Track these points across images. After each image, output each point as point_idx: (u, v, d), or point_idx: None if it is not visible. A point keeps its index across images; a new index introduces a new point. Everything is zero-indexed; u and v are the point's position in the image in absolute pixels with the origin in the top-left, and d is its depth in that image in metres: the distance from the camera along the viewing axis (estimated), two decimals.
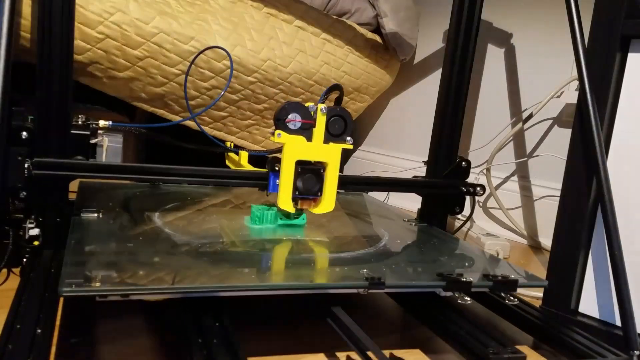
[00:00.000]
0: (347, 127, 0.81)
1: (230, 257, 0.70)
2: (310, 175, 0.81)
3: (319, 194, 0.82)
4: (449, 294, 0.66)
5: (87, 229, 0.72)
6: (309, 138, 0.80)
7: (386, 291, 0.64)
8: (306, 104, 0.80)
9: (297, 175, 0.80)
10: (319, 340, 0.69)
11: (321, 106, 0.79)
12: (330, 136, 0.81)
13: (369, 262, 0.72)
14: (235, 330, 0.56)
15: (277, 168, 0.81)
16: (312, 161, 0.81)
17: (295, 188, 0.80)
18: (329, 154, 0.81)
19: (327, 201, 0.82)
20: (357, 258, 0.73)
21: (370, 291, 0.62)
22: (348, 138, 0.82)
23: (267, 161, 0.83)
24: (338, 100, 0.84)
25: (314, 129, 0.80)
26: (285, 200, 0.80)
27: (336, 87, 0.84)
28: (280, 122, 0.78)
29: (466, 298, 0.66)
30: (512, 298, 0.71)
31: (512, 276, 0.69)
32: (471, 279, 0.66)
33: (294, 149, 0.79)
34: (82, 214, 0.78)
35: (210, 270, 0.63)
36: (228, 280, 0.60)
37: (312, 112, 0.79)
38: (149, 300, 0.72)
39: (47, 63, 0.76)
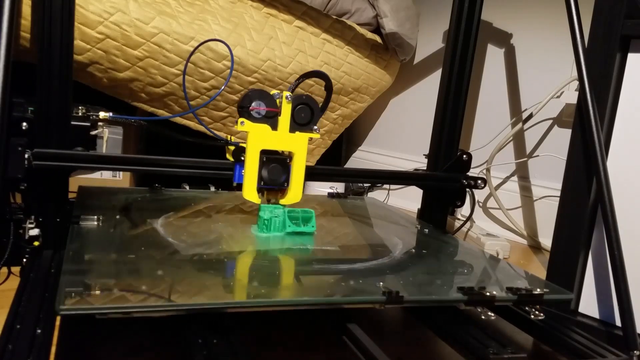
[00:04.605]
0: (314, 115, 0.79)
1: (237, 269, 0.67)
2: (275, 165, 0.78)
3: (286, 185, 0.80)
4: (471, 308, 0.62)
5: (86, 238, 0.69)
6: (274, 127, 0.77)
7: (404, 306, 0.60)
8: (271, 92, 0.78)
9: (262, 165, 0.78)
10: (333, 357, 0.67)
11: (286, 94, 0.77)
12: (297, 125, 0.78)
13: (385, 274, 0.68)
14: (243, 347, 0.53)
15: (242, 158, 0.79)
16: (278, 151, 0.79)
17: (260, 178, 0.78)
18: (295, 143, 0.79)
19: (294, 192, 0.80)
20: (371, 269, 0.70)
21: (387, 306, 0.59)
22: (315, 127, 0.79)
23: (233, 151, 0.80)
24: (327, 89, 0.82)
25: (279, 118, 0.77)
26: (250, 190, 0.78)
27: (316, 75, 0.81)
28: (243, 110, 0.75)
29: (489, 313, 0.62)
30: (537, 313, 0.68)
31: (538, 290, 0.66)
32: (495, 293, 0.63)
33: (258, 138, 0.77)
34: (81, 222, 0.75)
35: (216, 284, 0.59)
36: (235, 295, 0.57)
37: (277, 100, 0.77)
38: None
39: (47, 63, 0.76)
